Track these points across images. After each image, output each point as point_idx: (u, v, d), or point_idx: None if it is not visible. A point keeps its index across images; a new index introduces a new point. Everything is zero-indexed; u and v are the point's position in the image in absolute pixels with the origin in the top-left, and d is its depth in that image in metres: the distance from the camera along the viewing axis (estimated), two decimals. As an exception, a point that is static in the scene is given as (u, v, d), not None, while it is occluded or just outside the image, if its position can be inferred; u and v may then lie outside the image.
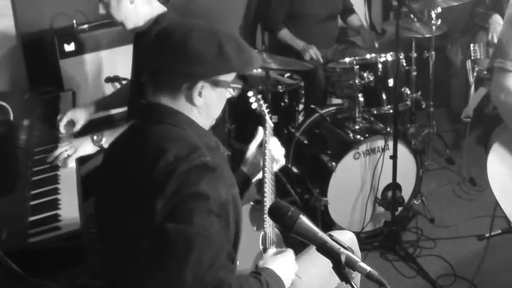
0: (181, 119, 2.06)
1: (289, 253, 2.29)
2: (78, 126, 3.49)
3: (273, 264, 2.17)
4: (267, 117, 2.96)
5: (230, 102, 2.47)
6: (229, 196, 1.97)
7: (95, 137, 3.14)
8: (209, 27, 2.09)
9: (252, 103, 3.02)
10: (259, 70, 4.29)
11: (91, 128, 3.45)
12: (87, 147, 3.14)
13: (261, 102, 3.04)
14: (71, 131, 3.44)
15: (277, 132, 4.26)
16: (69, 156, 3.06)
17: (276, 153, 2.76)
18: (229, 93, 2.17)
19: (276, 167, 2.78)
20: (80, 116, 3.52)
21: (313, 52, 5.08)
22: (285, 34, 5.27)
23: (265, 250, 2.39)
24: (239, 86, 2.19)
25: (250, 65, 2.17)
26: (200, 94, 2.04)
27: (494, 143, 2.92)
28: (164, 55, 2.01)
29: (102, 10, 3.18)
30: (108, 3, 3.13)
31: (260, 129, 2.77)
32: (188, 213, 1.81)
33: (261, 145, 2.72)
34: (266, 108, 3.04)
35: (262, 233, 2.47)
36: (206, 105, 2.09)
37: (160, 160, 1.90)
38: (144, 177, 1.92)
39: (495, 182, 2.94)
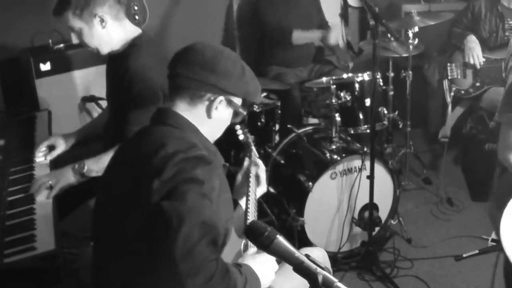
0: (185, 124, 2.29)
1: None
2: (55, 153, 3.47)
3: (252, 261, 2.30)
4: (253, 148, 3.07)
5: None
6: (221, 189, 2.18)
7: (76, 166, 3.12)
8: (233, 52, 2.41)
9: (239, 135, 3.14)
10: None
11: (69, 158, 3.42)
12: (69, 177, 3.11)
13: (248, 134, 3.17)
14: (47, 157, 3.43)
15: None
16: (51, 187, 3.03)
17: (261, 179, 2.90)
18: (232, 118, 2.42)
19: (259, 193, 2.90)
20: (59, 144, 3.51)
21: (335, 35, 5.12)
22: (298, 35, 5.27)
23: (245, 250, 2.50)
24: (244, 112, 2.39)
25: (258, 94, 2.45)
26: (217, 108, 2.31)
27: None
28: (197, 65, 2.25)
29: (75, 40, 3.21)
30: (80, 31, 3.14)
31: (247, 159, 2.92)
32: (182, 193, 1.98)
33: (247, 175, 2.85)
34: (253, 141, 3.16)
35: (244, 241, 2.55)
36: (218, 120, 2.36)
37: (160, 151, 2.09)
38: (144, 164, 2.09)
39: None
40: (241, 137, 3.14)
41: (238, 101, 2.38)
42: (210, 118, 2.33)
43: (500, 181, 2.77)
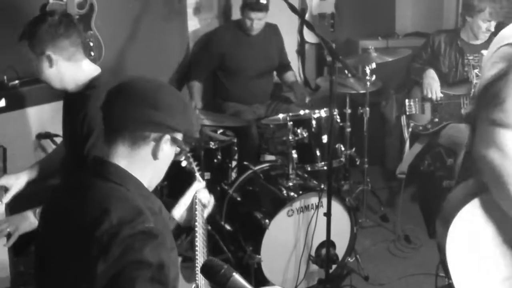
0: (128, 179, 2.15)
1: None
2: (9, 195, 3.42)
3: None
4: (197, 174, 3.10)
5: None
6: (170, 260, 2.03)
7: (38, 210, 3.05)
8: (172, 86, 2.31)
9: (181, 161, 3.11)
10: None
11: (25, 196, 3.40)
12: (30, 222, 3.05)
13: (191, 159, 3.14)
14: (3, 200, 3.36)
15: (210, 189, 4.37)
16: (10, 234, 2.98)
17: (205, 200, 2.92)
18: (175, 156, 2.32)
19: (205, 213, 2.93)
20: (11, 184, 3.47)
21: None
22: (192, 85, 5.50)
23: None
24: (187, 149, 2.38)
25: (197, 129, 2.34)
26: (163, 148, 2.18)
27: (456, 216, 2.58)
28: (137, 103, 2.13)
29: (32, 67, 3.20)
30: (31, 62, 3.15)
31: (194, 184, 2.92)
32: (131, 280, 1.87)
33: (192, 204, 2.84)
34: (196, 166, 3.16)
35: (194, 285, 2.60)
36: (163, 160, 2.24)
37: (103, 220, 1.95)
38: (86, 235, 1.95)
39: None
40: (184, 163, 3.11)
41: (180, 137, 2.27)
42: (156, 159, 2.20)
43: (448, 198, 2.80)
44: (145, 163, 2.20)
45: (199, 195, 2.90)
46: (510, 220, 2.44)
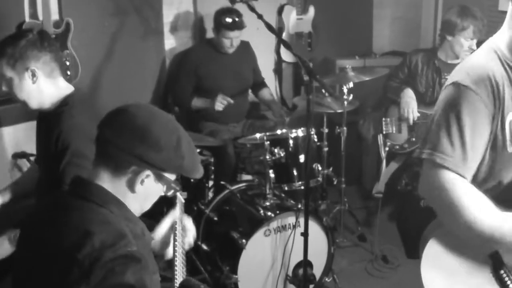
0: (110, 201, 2.14)
1: None
2: None
3: None
4: (178, 193, 3.03)
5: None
6: (152, 283, 2.04)
7: (13, 236, 3.04)
8: (171, 119, 2.25)
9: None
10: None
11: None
12: (4, 248, 3.03)
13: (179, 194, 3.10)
14: None
15: (187, 208, 4.39)
16: None
17: (188, 231, 2.85)
18: (164, 192, 2.27)
19: (186, 246, 2.86)
20: None
21: (221, 98, 5.32)
22: (196, 102, 5.54)
23: None
24: (177, 188, 2.28)
25: (195, 170, 2.29)
26: (142, 182, 2.15)
27: (430, 239, 2.61)
28: (126, 131, 2.10)
29: (4, 87, 3.20)
30: (10, 81, 3.14)
31: (172, 211, 2.85)
32: None
33: (173, 227, 2.79)
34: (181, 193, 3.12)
35: None
36: (144, 195, 2.21)
37: (85, 243, 1.95)
38: (67, 258, 1.95)
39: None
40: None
41: (171, 175, 2.24)
42: (134, 193, 2.17)
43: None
44: (124, 194, 2.18)
45: (184, 224, 2.85)
46: (473, 247, 2.49)
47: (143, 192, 2.19)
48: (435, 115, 2.52)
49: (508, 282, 2.49)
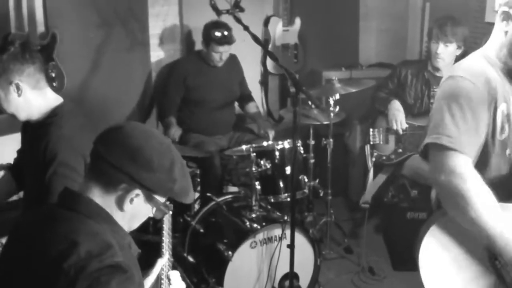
0: (98, 212, 2.14)
1: None
2: None
3: None
4: (164, 248, 2.98)
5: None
6: None
7: None
8: (167, 142, 2.24)
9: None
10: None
11: None
12: None
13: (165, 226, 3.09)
14: None
15: (173, 221, 4.40)
16: None
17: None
18: (153, 213, 2.25)
19: None
20: None
21: (173, 132, 5.38)
22: (170, 121, 5.55)
23: None
24: (167, 211, 2.28)
25: (187, 195, 2.28)
26: (131, 201, 2.15)
27: (427, 232, 2.70)
28: (119, 149, 2.11)
29: None
30: None
31: (159, 260, 2.77)
32: None
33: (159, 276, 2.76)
34: (168, 237, 3.08)
35: None
36: (132, 214, 2.21)
37: (71, 252, 1.95)
38: (53, 267, 1.96)
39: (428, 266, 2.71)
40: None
41: (161, 198, 2.22)
42: (123, 211, 2.18)
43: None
44: (113, 210, 2.18)
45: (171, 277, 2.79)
46: (472, 238, 2.57)
47: (131, 211, 2.19)
48: (437, 106, 2.67)
49: (503, 273, 2.56)
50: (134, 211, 2.20)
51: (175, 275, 2.78)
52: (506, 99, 2.66)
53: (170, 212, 3.01)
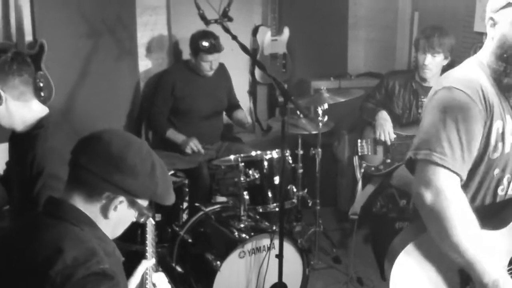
0: (83, 219, 2.17)
1: None
2: None
3: None
4: (148, 250, 2.97)
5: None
6: None
7: None
8: (145, 145, 2.28)
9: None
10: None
11: None
12: None
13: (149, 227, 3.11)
14: None
15: (161, 230, 4.44)
16: None
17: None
18: (136, 218, 2.30)
19: None
20: None
21: (193, 144, 5.35)
22: (170, 133, 5.53)
23: None
24: (150, 215, 2.31)
25: (168, 196, 2.32)
26: (115, 208, 2.19)
27: (401, 252, 2.64)
28: (101, 158, 2.14)
29: None
30: None
31: (144, 261, 2.78)
32: None
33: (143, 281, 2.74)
34: (152, 240, 3.08)
35: None
36: (116, 220, 2.25)
37: (56, 259, 1.97)
38: (38, 275, 1.97)
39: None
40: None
41: (144, 202, 2.27)
42: (107, 219, 2.21)
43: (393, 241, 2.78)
44: (98, 218, 2.21)
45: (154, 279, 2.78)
46: (447, 261, 2.55)
47: (116, 218, 2.23)
48: (430, 118, 2.59)
49: None
50: (118, 217, 2.24)
51: (160, 278, 2.77)
52: (502, 117, 2.61)
53: (153, 222, 3.06)
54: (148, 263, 2.77)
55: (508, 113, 2.63)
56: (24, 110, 3.22)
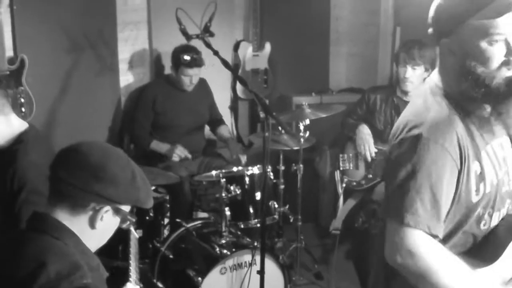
0: (66, 234, 2.19)
1: None
2: None
3: None
4: (131, 271, 3.03)
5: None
6: None
7: None
8: (122, 153, 2.33)
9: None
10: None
11: None
12: None
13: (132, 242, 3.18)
14: None
15: (142, 246, 4.45)
16: None
17: None
18: (119, 224, 2.34)
19: None
20: None
21: (180, 151, 5.41)
22: (154, 145, 5.59)
23: None
24: (133, 220, 2.38)
25: (149, 200, 2.37)
26: (102, 218, 2.23)
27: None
28: (81, 170, 2.17)
29: None
30: None
31: (128, 284, 2.78)
32: None
33: None
34: (134, 262, 3.14)
35: None
36: (102, 230, 2.29)
37: (40, 273, 1.99)
38: None
39: None
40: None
41: (126, 207, 2.32)
42: (95, 229, 2.24)
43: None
44: (84, 230, 2.24)
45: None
46: None
47: (102, 227, 2.27)
48: (398, 172, 2.31)
49: None
50: (104, 227, 2.28)
51: None
52: (478, 157, 2.37)
53: (137, 236, 3.09)
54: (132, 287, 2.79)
55: (482, 148, 2.41)
56: (3, 125, 3.22)
